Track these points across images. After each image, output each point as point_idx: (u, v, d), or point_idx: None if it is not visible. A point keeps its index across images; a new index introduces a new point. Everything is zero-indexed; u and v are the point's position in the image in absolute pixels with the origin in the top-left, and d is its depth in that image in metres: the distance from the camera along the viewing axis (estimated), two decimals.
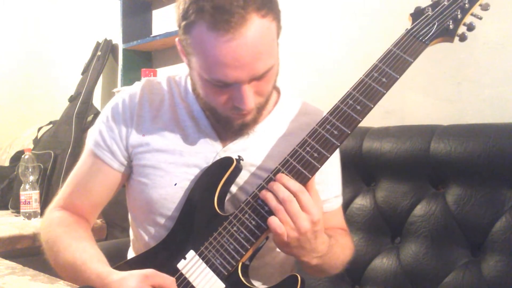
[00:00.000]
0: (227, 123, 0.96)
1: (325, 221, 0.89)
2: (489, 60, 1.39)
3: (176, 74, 1.11)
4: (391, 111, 1.59)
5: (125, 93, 1.07)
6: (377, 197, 1.37)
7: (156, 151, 1.01)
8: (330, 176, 1.08)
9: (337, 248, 0.96)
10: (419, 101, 1.55)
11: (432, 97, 1.52)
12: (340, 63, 1.77)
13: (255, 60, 0.84)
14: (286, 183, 0.85)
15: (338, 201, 1.11)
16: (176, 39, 0.96)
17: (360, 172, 1.43)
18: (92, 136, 1.06)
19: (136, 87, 1.07)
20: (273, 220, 0.83)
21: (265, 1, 0.84)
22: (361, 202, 1.40)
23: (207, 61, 0.85)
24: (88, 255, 0.93)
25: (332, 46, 1.80)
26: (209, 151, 1.01)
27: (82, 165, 1.07)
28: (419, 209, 1.28)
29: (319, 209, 0.85)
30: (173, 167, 1.00)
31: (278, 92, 1.09)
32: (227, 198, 0.98)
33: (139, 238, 1.07)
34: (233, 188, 0.99)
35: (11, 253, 1.88)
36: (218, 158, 0.99)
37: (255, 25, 0.82)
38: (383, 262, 1.32)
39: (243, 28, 0.81)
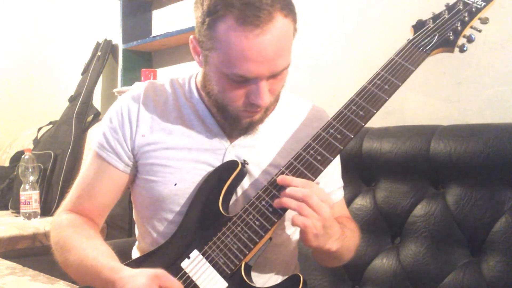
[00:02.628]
0: (235, 121, 0.98)
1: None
2: (489, 60, 1.39)
3: (178, 77, 1.12)
4: (391, 111, 1.60)
5: (128, 95, 1.08)
6: (377, 197, 1.37)
7: (164, 149, 1.02)
8: (333, 169, 1.12)
9: (347, 230, 1.00)
10: (419, 101, 1.55)
11: (432, 97, 1.52)
12: (336, 63, 1.77)
13: (277, 56, 0.88)
14: (293, 183, 0.88)
15: (341, 192, 1.15)
16: (191, 37, 0.97)
17: (360, 172, 1.43)
18: (96, 138, 1.07)
19: (139, 89, 1.08)
20: (297, 219, 0.87)
21: (287, 3, 0.90)
22: (361, 202, 1.40)
23: (231, 55, 0.87)
24: (100, 251, 0.94)
25: (328, 45, 1.80)
26: (217, 147, 1.02)
27: (88, 168, 1.08)
28: (419, 209, 1.28)
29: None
30: (182, 163, 1.01)
31: None
32: (237, 195, 1.00)
33: (146, 236, 1.08)
34: (245, 184, 1.01)
35: (11, 253, 1.89)
36: (227, 154, 1.01)
37: (279, 23, 0.87)
38: (383, 262, 1.32)
39: (270, 24, 0.85)
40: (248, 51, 0.86)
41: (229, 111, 0.96)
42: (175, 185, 1.01)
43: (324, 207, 0.87)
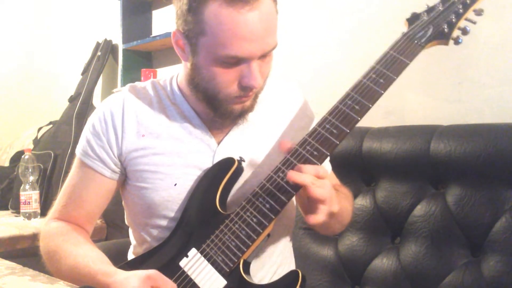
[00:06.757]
0: (226, 110, 0.96)
1: None
2: (489, 60, 1.39)
3: (160, 78, 1.11)
4: (391, 111, 1.60)
5: (109, 100, 1.06)
6: (377, 197, 1.37)
7: (152, 154, 1.01)
8: None
9: (338, 194, 0.98)
10: (419, 101, 1.55)
11: (432, 97, 1.52)
12: (334, 63, 1.77)
13: (266, 34, 0.89)
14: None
15: (330, 166, 1.17)
16: (173, 30, 0.96)
17: (360, 172, 1.43)
18: (80, 146, 1.05)
19: (121, 94, 1.06)
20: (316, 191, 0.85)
21: None
22: (361, 202, 1.40)
23: (222, 36, 0.87)
24: (90, 258, 0.93)
25: (326, 45, 1.80)
26: (205, 150, 1.01)
27: (74, 175, 1.07)
28: (419, 209, 1.28)
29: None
30: (172, 169, 1.00)
31: None
32: (234, 192, 0.99)
33: (141, 242, 1.07)
34: (241, 180, 1.00)
35: (11, 253, 1.89)
36: (216, 156, 1.01)
37: (267, 1, 0.88)
38: (383, 262, 1.32)
39: (257, 1, 0.86)
40: (239, 29, 0.85)
41: (220, 99, 0.94)
42: (175, 185, 1.00)
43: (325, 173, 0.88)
